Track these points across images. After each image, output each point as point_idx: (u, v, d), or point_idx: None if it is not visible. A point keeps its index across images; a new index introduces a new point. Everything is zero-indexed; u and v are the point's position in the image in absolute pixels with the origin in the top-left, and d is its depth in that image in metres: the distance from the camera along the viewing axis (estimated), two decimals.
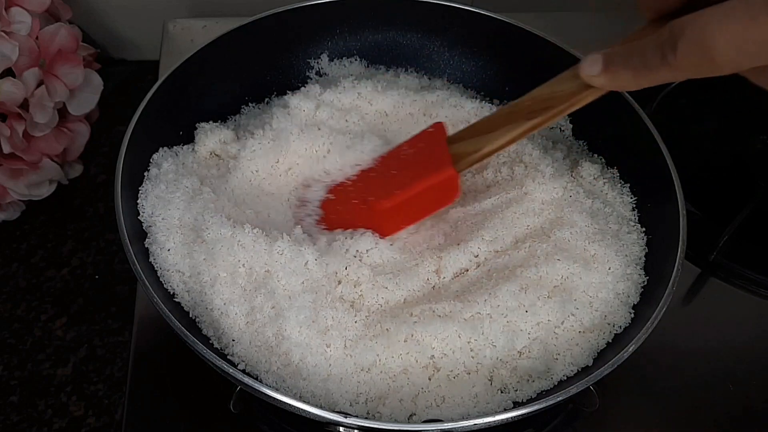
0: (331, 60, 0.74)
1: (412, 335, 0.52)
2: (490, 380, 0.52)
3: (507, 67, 0.74)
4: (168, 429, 0.55)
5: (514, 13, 0.73)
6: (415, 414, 0.50)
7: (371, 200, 0.56)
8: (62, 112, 0.72)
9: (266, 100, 0.72)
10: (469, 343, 0.52)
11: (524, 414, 0.47)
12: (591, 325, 0.54)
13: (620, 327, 0.54)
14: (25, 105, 0.67)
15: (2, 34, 0.65)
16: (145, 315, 0.61)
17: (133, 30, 0.89)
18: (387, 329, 0.52)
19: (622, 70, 0.46)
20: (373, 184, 0.58)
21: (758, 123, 0.75)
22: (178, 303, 0.54)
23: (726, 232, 0.66)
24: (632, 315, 0.55)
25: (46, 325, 0.68)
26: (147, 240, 0.56)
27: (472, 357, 0.52)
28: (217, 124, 0.66)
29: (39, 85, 0.68)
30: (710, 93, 0.81)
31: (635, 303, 0.56)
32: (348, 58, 0.75)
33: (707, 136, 0.79)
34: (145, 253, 0.56)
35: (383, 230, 0.57)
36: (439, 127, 0.57)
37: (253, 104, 0.71)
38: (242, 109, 0.70)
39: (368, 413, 0.50)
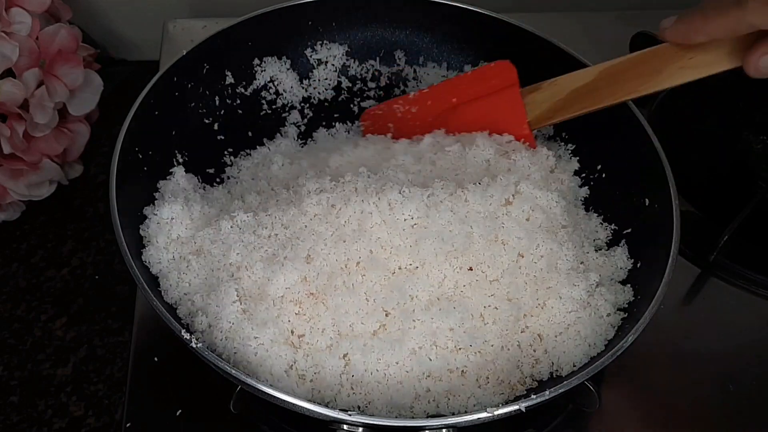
0: (322, 61, 0.75)
1: (410, 330, 0.52)
2: (487, 378, 0.52)
3: None
4: (168, 429, 0.55)
5: (514, 13, 0.73)
6: (416, 410, 0.51)
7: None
8: (62, 112, 0.72)
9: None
10: (460, 349, 0.52)
11: (527, 406, 0.47)
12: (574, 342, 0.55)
13: (606, 340, 0.55)
14: (25, 105, 0.67)
15: (2, 34, 0.65)
16: (145, 315, 0.61)
17: (133, 30, 0.89)
18: (384, 325, 0.52)
19: (693, 16, 0.48)
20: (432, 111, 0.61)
21: (758, 123, 0.75)
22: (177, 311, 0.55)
23: (726, 232, 0.66)
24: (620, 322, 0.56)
25: (46, 325, 0.68)
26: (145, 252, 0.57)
27: (468, 360, 0.52)
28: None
29: (39, 85, 0.68)
30: (710, 93, 0.81)
31: (622, 318, 0.56)
32: (342, 54, 0.75)
33: (707, 136, 0.79)
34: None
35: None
36: (507, 68, 0.58)
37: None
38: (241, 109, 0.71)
39: (367, 410, 0.50)
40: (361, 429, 0.46)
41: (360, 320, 0.52)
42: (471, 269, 0.54)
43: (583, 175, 0.67)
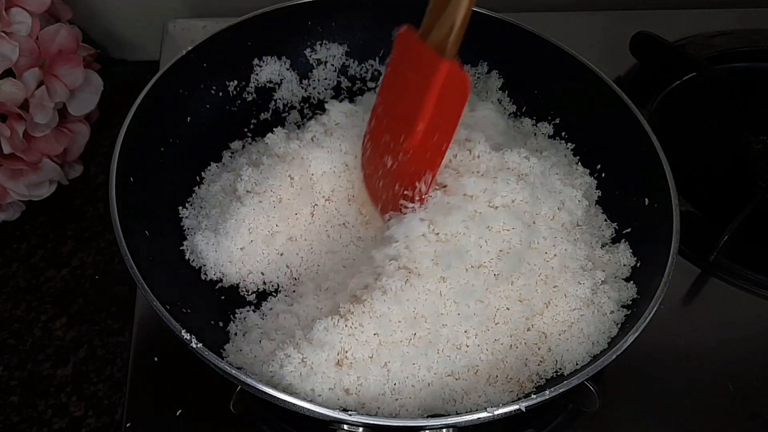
0: (321, 61, 0.75)
1: (440, 336, 0.52)
2: (497, 377, 0.52)
3: (507, 68, 0.74)
4: (168, 429, 0.55)
5: (514, 13, 0.73)
6: (417, 410, 0.51)
7: (403, 144, 0.52)
8: (62, 112, 0.72)
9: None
10: (474, 349, 0.53)
11: (527, 406, 0.47)
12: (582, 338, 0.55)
13: (609, 337, 0.55)
14: (25, 105, 0.67)
15: (2, 34, 0.65)
16: (145, 315, 0.61)
17: (133, 30, 0.89)
18: (415, 332, 0.52)
19: None
20: (389, 127, 0.53)
21: (758, 123, 0.75)
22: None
23: (726, 232, 0.66)
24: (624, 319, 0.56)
25: (46, 325, 0.68)
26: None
27: (480, 360, 0.53)
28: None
29: (39, 85, 0.68)
30: (710, 93, 0.81)
31: (625, 315, 0.56)
32: (341, 54, 0.75)
33: (707, 136, 0.79)
34: (143, 255, 0.56)
35: (431, 165, 0.53)
36: (404, 34, 0.53)
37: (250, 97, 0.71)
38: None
39: (367, 410, 0.50)
40: (361, 429, 0.46)
41: (400, 329, 0.52)
42: (496, 276, 0.54)
43: None
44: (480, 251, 0.53)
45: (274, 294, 0.59)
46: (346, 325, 0.51)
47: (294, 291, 0.59)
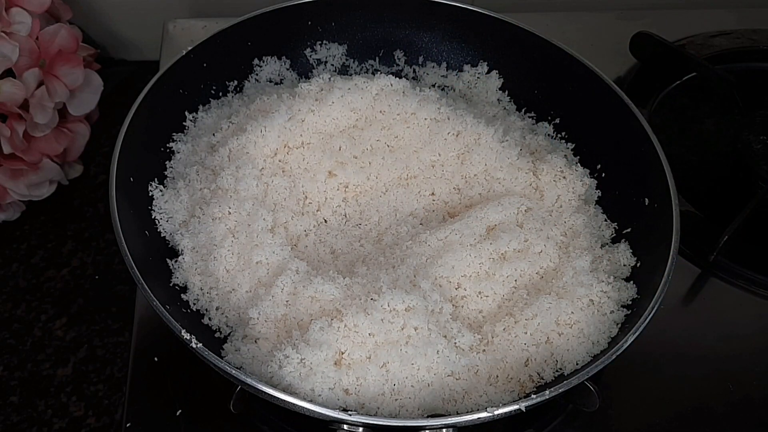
0: (321, 61, 0.75)
1: (410, 337, 0.52)
2: (487, 378, 0.52)
3: (507, 68, 0.74)
4: (168, 429, 0.55)
5: (514, 13, 0.73)
6: (417, 410, 0.51)
7: None
8: (62, 112, 0.72)
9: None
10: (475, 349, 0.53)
11: (527, 406, 0.47)
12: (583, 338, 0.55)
13: (609, 337, 0.55)
14: (25, 105, 0.67)
15: (2, 34, 0.65)
16: (145, 315, 0.61)
17: (133, 30, 0.89)
18: (417, 328, 0.52)
19: None
20: None
21: (758, 123, 0.75)
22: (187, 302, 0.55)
23: (726, 232, 0.66)
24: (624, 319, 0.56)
25: (46, 325, 0.68)
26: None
27: (479, 360, 0.53)
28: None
29: (39, 85, 0.68)
30: (710, 93, 0.81)
31: (625, 314, 0.56)
32: (341, 54, 0.75)
33: (707, 136, 0.79)
34: (143, 255, 0.56)
35: None
36: None
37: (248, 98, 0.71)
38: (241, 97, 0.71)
39: (367, 410, 0.50)
40: (361, 429, 0.46)
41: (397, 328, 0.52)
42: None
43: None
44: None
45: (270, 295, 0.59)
46: (340, 326, 0.51)
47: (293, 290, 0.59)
